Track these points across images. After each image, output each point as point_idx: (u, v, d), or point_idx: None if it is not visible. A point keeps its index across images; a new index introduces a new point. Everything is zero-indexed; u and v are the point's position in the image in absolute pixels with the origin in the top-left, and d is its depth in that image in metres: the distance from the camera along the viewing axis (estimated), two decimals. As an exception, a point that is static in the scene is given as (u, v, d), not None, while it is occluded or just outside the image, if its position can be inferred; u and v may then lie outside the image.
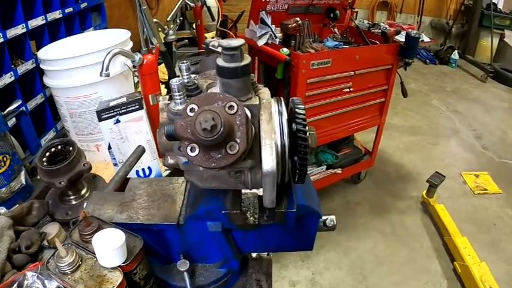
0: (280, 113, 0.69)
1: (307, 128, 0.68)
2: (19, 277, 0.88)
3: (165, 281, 0.99)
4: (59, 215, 1.21)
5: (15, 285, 0.89)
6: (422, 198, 3.34)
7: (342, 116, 2.74)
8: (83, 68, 1.64)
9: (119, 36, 1.83)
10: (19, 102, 1.24)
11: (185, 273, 0.94)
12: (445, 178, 3.18)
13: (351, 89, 2.55)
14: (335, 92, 2.54)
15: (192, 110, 0.59)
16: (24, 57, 1.75)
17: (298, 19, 2.41)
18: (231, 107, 0.58)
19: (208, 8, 3.09)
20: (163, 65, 2.46)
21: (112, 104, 1.40)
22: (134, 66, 1.71)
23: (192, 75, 0.79)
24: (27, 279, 0.81)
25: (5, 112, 1.18)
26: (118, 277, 0.77)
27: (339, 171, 3.10)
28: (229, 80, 0.64)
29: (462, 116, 5.04)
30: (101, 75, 1.48)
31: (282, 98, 0.73)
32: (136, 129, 1.48)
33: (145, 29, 1.73)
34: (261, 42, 2.48)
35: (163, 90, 2.35)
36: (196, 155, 0.59)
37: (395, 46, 2.59)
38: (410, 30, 2.72)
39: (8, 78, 1.57)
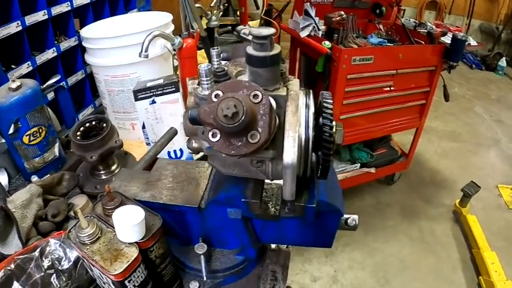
0: (307, 106, 0.67)
1: (334, 123, 0.65)
2: (42, 243, 0.92)
3: (183, 262, 1.01)
4: (88, 188, 1.25)
5: (38, 250, 0.93)
6: (455, 207, 3.21)
7: (380, 115, 2.66)
8: (124, 48, 1.67)
9: (161, 19, 1.85)
10: (58, 77, 1.28)
11: (202, 257, 0.94)
12: (480, 189, 3.03)
13: (392, 88, 2.47)
14: (375, 90, 2.47)
15: (216, 96, 0.59)
16: (68, 34, 1.81)
17: (342, 13, 2.34)
18: (255, 95, 0.57)
19: (254, -4, 3.07)
20: (202, 51, 2.49)
21: (149, 84, 1.42)
22: (174, 50, 1.73)
23: (223, 62, 0.78)
24: (50, 245, 0.84)
25: (44, 86, 1.23)
26: (134, 252, 0.78)
27: (372, 170, 3.03)
28: (257, 69, 0.63)
29: (505, 126, 4.76)
30: (139, 56, 1.50)
31: (311, 91, 0.71)
32: (171, 110, 1.49)
33: (187, 13, 1.74)
34: (303, 34, 2.43)
35: None
36: (218, 140, 0.58)
37: (441, 48, 2.47)
38: (457, 32, 2.58)
39: (50, 54, 1.64)
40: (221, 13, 2.59)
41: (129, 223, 0.78)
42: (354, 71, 2.30)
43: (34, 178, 1.22)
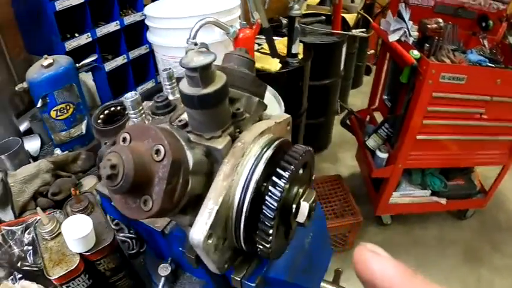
0: (256, 163, 0.52)
1: (299, 190, 0.51)
2: (30, 219, 0.95)
3: (150, 276, 0.95)
4: (103, 171, 1.25)
5: (24, 225, 0.96)
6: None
7: (463, 143, 2.25)
8: (182, 30, 1.63)
9: (227, 3, 1.76)
10: (95, 57, 1.29)
11: (162, 279, 0.88)
12: None
13: (483, 116, 2.05)
14: (462, 114, 2.07)
15: (124, 139, 0.48)
16: (136, 7, 1.83)
17: (440, 20, 1.97)
18: (157, 151, 0.45)
19: (351, -14, 2.79)
20: (285, 39, 2.35)
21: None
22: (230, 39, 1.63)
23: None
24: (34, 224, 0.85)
25: (80, 64, 1.25)
26: (74, 262, 0.76)
27: (443, 201, 2.63)
28: (189, 110, 0.50)
29: None
30: (186, 42, 1.45)
31: (279, 140, 0.55)
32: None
33: (248, 1, 1.62)
34: (392, 38, 2.13)
35: (276, 63, 2.25)
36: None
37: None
38: None
39: (113, 27, 1.67)
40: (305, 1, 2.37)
41: (74, 235, 0.74)
42: (441, 89, 1.94)
43: (57, 150, 1.27)
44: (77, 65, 1.23)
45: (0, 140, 1.20)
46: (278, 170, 0.50)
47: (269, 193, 0.49)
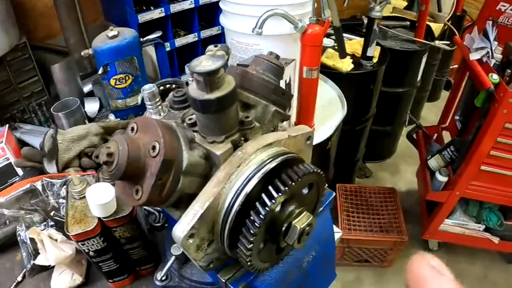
0: (247, 180, 0.52)
1: (293, 208, 0.51)
2: (70, 176, 1.04)
3: (165, 251, 1.00)
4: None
5: (63, 180, 1.06)
6: None
7: (533, 183, 2.03)
8: (251, 17, 1.63)
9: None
10: (159, 33, 1.35)
11: (173, 257, 0.91)
12: None
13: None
14: (535, 152, 1.87)
15: (132, 129, 0.51)
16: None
17: (529, 45, 1.75)
18: (154, 147, 0.47)
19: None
20: (362, 39, 2.25)
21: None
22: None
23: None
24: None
25: (144, 39, 1.31)
26: (92, 224, 0.82)
27: (495, 240, 2.40)
28: (194, 111, 0.51)
29: None
30: (252, 31, 1.45)
31: (282, 158, 0.54)
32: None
33: (320, -4, 1.57)
34: (473, 56, 1.94)
35: (348, 63, 2.18)
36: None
37: None
38: None
39: (187, 5, 1.72)
40: (386, 3, 2.23)
41: (95, 201, 0.80)
42: (516, 121, 1.76)
43: (111, 116, 1.36)
44: (142, 39, 1.30)
45: (64, 97, 1.32)
46: (270, 188, 0.49)
47: (255, 209, 0.49)
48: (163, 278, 0.93)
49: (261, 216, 0.48)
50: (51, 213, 0.98)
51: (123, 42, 1.24)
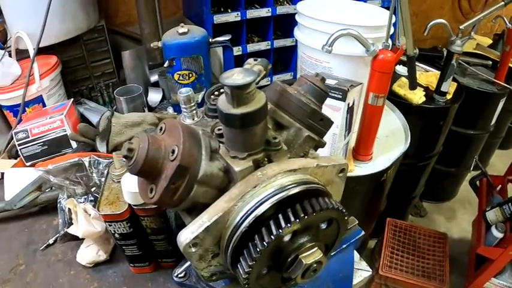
0: (259, 203, 0.50)
1: (302, 241, 0.49)
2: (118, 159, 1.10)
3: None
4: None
5: (109, 160, 1.11)
6: None
7: None
8: (324, 33, 1.60)
9: (379, 20, 1.66)
10: (229, 37, 1.37)
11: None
12: None
13: None
14: None
15: (161, 129, 0.52)
16: (293, 0, 1.86)
17: None
18: (173, 151, 0.47)
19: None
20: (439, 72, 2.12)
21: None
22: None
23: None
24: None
25: (213, 40, 1.34)
26: (122, 209, 0.85)
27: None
28: (222, 124, 0.51)
29: None
30: (321, 49, 1.42)
31: (303, 187, 0.52)
32: (328, 115, 1.40)
33: (397, 21, 1.50)
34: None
35: (421, 95, 2.07)
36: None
37: None
38: None
39: (264, 12, 1.74)
40: (468, 39, 2.07)
41: (128, 187, 0.83)
42: None
43: (170, 109, 1.42)
44: (211, 40, 1.33)
45: (130, 83, 1.39)
46: (280, 216, 0.47)
47: (260, 234, 0.47)
48: (181, 275, 0.94)
49: (264, 242, 0.46)
50: (92, 189, 1.04)
51: (191, 40, 1.28)
